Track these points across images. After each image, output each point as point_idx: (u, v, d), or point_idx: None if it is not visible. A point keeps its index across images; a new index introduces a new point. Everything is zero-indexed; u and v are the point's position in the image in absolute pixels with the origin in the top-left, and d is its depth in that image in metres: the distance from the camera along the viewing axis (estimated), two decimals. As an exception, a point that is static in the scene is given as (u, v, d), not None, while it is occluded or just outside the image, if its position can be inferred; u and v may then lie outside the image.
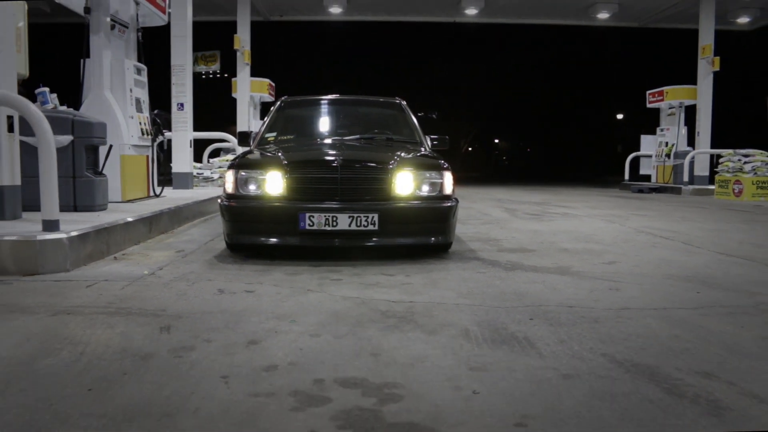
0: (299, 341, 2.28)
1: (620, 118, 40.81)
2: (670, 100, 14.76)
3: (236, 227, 4.07)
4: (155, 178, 6.88)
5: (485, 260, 4.16)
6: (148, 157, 6.72)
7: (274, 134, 5.15)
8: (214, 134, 11.12)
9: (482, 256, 4.34)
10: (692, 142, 14.49)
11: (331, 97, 5.67)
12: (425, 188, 4.09)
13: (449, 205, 4.11)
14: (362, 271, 3.70)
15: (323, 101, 5.67)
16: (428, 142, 5.12)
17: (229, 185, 4.09)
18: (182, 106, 8.76)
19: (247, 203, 4.02)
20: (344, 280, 3.44)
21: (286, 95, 5.71)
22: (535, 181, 22.96)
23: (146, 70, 6.83)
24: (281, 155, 4.20)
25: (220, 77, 18.54)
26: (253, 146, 4.92)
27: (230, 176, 4.09)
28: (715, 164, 12.95)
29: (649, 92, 15.67)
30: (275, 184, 3.99)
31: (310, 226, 3.86)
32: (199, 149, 10.18)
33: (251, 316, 2.63)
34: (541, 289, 3.26)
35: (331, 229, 3.86)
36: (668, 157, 14.50)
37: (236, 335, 2.35)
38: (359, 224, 3.86)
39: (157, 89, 7.27)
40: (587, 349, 2.23)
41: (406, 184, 4.03)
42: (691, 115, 14.71)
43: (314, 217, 3.85)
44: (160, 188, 6.96)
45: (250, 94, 14.50)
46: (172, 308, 2.76)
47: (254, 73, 14.75)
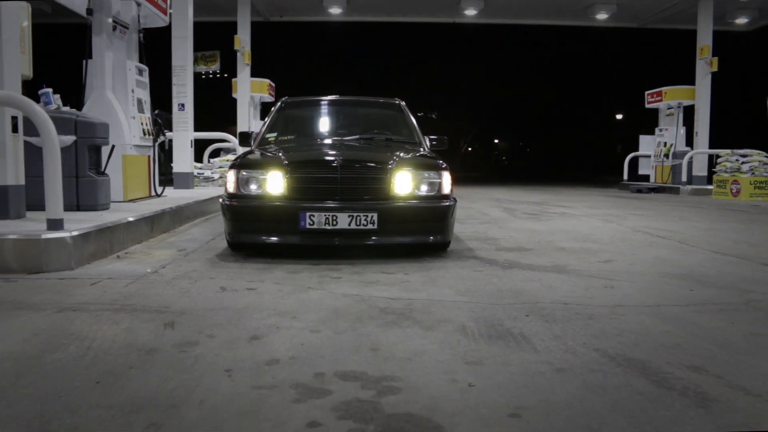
0: (300, 337, 2.34)
1: (620, 118, 40.89)
2: (668, 100, 14.84)
3: (238, 226, 4.13)
4: (157, 177, 6.94)
5: (483, 259, 4.22)
6: (149, 157, 6.78)
7: (274, 134, 5.21)
8: (214, 134, 11.19)
9: (480, 254, 4.40)
10: (691, 142, 14.56)
11: (331, 97, 5.73)
12: (424, 188, 4.15)
13: (447, 204, 4.16)
14: (362, 269, 3.76)
15: (323, 102, 5.73)
16: (427, 142, 5.18)
17: (230, 185, 4.15)
18: (183, 106, 8.82)
19: (248, 203, 4.08)
20: (344, 278, 3.50)
21: (286, 96, 5.77)
22: (534, 181, 23.03)
23: (148, 70, 6.89)
24: (282, 155, 4.26)
25: (220, 77, 18.61)
26: (254, 146, 4.98)
27: (232, 176, 4.15)
28: (713, 164, 13.01)
29: (647, 92, 15.74)
30: (276, 183, 4.05)
31: (310, 225, 3.92)
32: (199, 149, 10.24)
33: (253, 312, 2.69)
34: (537, 287, 3.32)
35: (331, 228, 3.92)
36: (667, 157, 14.57)
37: (239, 331, 2.41)
38: (359, 223, 3.92)
39: (158, 90, 7.33)
40: (581, 344, 2.29)
41: (405, 183, 4.09)
42: (689, 115, 14.78)
43: (314, 216, 3.91)
44: (161, 188, 7.02)
45: (250, 94, 14.56)
46: (175, 305, 2.82)
47: (254, 73, 14.81)
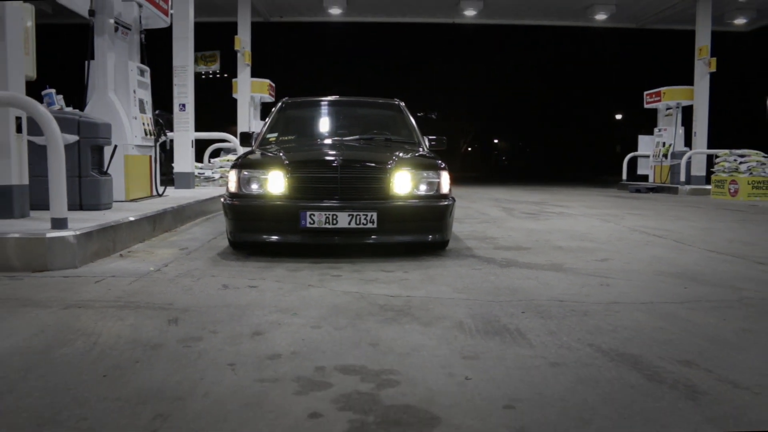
0: (301, 332, 2.40)
1: (619, 118, 40.96)
2: (667, 100, 14.89)
3: (239, 225, 4.19)
4: (158, 177, 7.00)
5: (481, 257, 4.27)
6: (151, 157, 6.83)
7: (275, 135, 5.26)
8: (215, 134, 11.24)
9: (478, 253, 4.46)
10: (689, 142, 14.61)
11: (331, 98, 5.79)
12: (423, 187, 4.21)
13: (446, 203, 4.22)
14: (361, 267, 3.82)
15: (323, 102, 5.78)
16: (426, 142, 5.24)
17: (232, 184, 4.21)
18: (184, 106, 8.88)
19: (249, 202, 4.13)
20: (344, 276, 3.55)
21: (287, 96, 5.83)
22: (534, 181, 23.09)
23: (149, 71, 6.94)
24: (283, 155, 4.31)
25: (219, 77, 18.66)
26: (255, 146, 5.03)
27: (233, 176, 4.20)
28: (712, 164, 13.07)
29: (646, 93, 15.80)
30: (277, 183, 4.11)
31: (311, 224, 3.97)
32: (199, 149, 10.29)
33: (255, 309, 2.75)
34: (534, 284, 3.37)
35: (331, 227, 3.97)
36: (665, 157, 14.63)
37: (241, 327, 2.47)
38: (359, 222, 3.98)
39: (159, 90, 7.38)
40: (575, 339, 2.35)
41: (404, 183, 4.15)
42: (688, 115, 14.84)
43: (315, 215, 3.96)
44: (162, 188, 7.08)
45: (250, 94, 14.61)
46: (178, 302, 2.87)
47: (254, 73, 14.86)
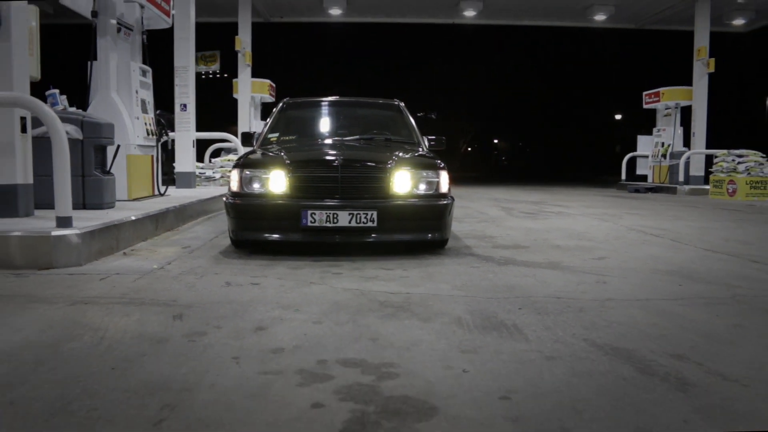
0: (303, 328, 2.46)
1: (619, 118, 41.03)
2: (666, 101, 14.96)
3: (241, 224, 4.24)
4: (160, 177, 7.05)
5: (480, 256, 4.33)
6: (153, 156, 6.89)
7: (276, 135, 5.32)
8: (216, 134, 11.31)
9: (477, 252, 4.52)
10: (688, 142, 14.68)
11: (331, 98, 5.85)
12: (422, 187, 4.26)
13: (445, 203, 4.28)
14: (362, 265, 3.88)
15: (324, 103, 5.84)
16: (426, 142, 5.30)
17: (234, 184, 4.26)
18: (185, 106, 8.94)
19: (251, 201, 4.19)
20: (344, 273, 3.61)
21: (287, 97, 5.89)
22: (533, 181, 23.15)
23: (151, 71, 7.00)
24: (284, 155, 4.37)
25: (219, 77, 18.71)
26: (256, 146, 5.09)
27: (235, 175, 4.26)
28: (710, 164, 13.13)
29: (645, 93, 15.86)
30: (278, 182, 4.16)
31: (311, 222, 4.03)
32: (200, 149, 10.35)
33: (257, 305, 2.81)
34: (531, 282, 3.43)
35: (332, 225, 4.03)
36: (664, 157, 14.69)
37: (244, 322, 2.53)
38: (359, 221, 4.03)
39: (160, 90, 7.44)
40: (570, 334, 2.40)
41: (403, 182, 4.21)
42: (687, 115, 14.91)
43: (316, 214, 4.02)
44: (164, 187, 7.13)
45: (251, 94, 14.66)
46: (182, 299, 2.93)
47: (255, 73, 14.91)
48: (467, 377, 1.94)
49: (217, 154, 12.26)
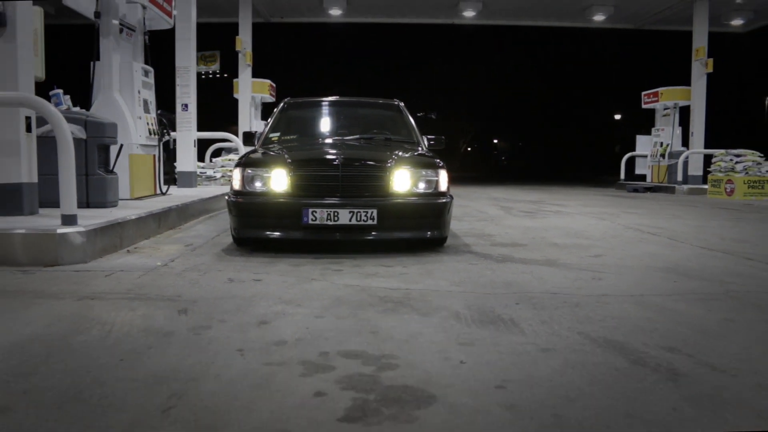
0: (305, 321, 2.52)
1: (618, 118, 41.09)
2: (664, 101, 15.03)
3: (243, 222, 4.31)
4: (162, 176, 7.11)
5: (478, 253, 4.39)
6: (155, 156, 6.95)
7: (277, 134, 5.38)
8: (217, 134, 11.37)
9: (475, 249, 4.58)
10: (687, 142, 14.74)
11: (332, 98, 5.92)
12: (421, 185, 4.33)
13: (444, 201, 4.34)
14: (362, 262, 3.94)
15: (324, 102, 5.91)
16: (425, 141, 5.36)
17: (236, 182, 4.33)
18: (186, 106, 9.00)
19: (253, 199, 4.26)
20: (345, 270, 3.68)
21: (289, 97, 5.95)
22: (533, 180, 23.21)
23: (153, 72, 7.06)
24: (285, 154, 4.43)
25: (219, 77, 18.76)
26: (257, 146, 5.16)
27: (237, 174, 4.32)
28: (709, 164, 13.20)
29: (644, 93, 15.93)
30: (280, 181, 4.23)
31: (312, 220, 4.09)
32: (201, 149, 10.41)
33: (260, 300, 2.87)
34: (528, 279, 3.50)
35: (332, 223, 4.10)
36: (663, 157, 14.76)
37: (248, 317, 2.59)
38: (359, 219, 4.10)
39: (162, 91, 7.50)
40: (566, 328, 2.47)
41: (403, 181, 4.27)
42: (685, 115, 14.97)
43: (317, 212, 4.09)
44: (166, 186, 7.19)
45: (251, 94, 14.72)
46: (186, 294, 3.00)
47: (255, 73, 14.97)
48: (464, 368, 2.00)
49: (217, 153, 12.33)
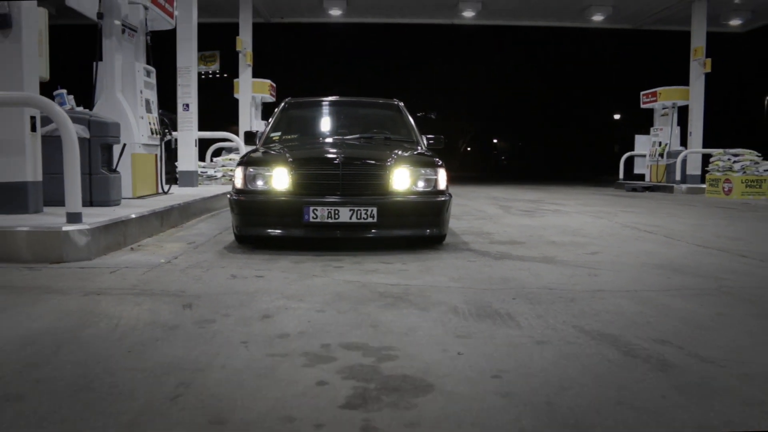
0: (307, 316, 2.59)
1: (618, 118, 41.17)
2: (663, 100, 15.09)
3: (245, 220, 4.37)
4: (163, 175, 7.18)
5: (476, 251, 4.46)
6: (157, 155, 7.01)
7: (278, 134, 5.45)
8: (218, 134, 11.44)
9: (474, 247, 4.65)
10: (685, 142, 14.81)
11: (332, 98, 5.99)
12: (421, 184, 4.40)
13: (443, 199, 4.41)
14: (362, 259, 4.01)
15: (325, 102, 5.98)
16: (424, 141, 5.43)
17: (238, 181, 4.39)
18: (188, 106, 9.07)
19: (255, 198, 4.32)
20: (346, 267, 3.74)
21: (289, 97, 6.02)
22: (532, 180, 23.28)
23: (155, 72, 7.13)
24: (286, 153, 4.50)
25: (219, 77, 18.82)
26: (259, 145, 5.22)
27: (239, 173, 4.39)
28: (707, 164, 13.27)
29: (643, 93, 16.00)
30: (281, 179, 4.29)
31: (313, 218, 4.16)
32: (201, 149, 10.47)
33: (263, 296, 2.94)
34: (526, 275, 3.56)
35: (333, 221, 4.16)
36: (662, 156, 14.83)
37: (251, 311, 2.66)
38: (359, 217, 4.16)
39: (163, 91, 7.56)
40: (561, 322, 2.53)
41: (403, 180, 4.34)
42: (684, 115, 15.04)
43: (317, 210, 4.15)
44: (167, 186, 7.26)
45: (251, 94, 14.78)
46: (190, 290, 3.06)
47: (255, 74, 15.03)
48: (462, 359, 2.07)
49: (218, 153, 12.40)
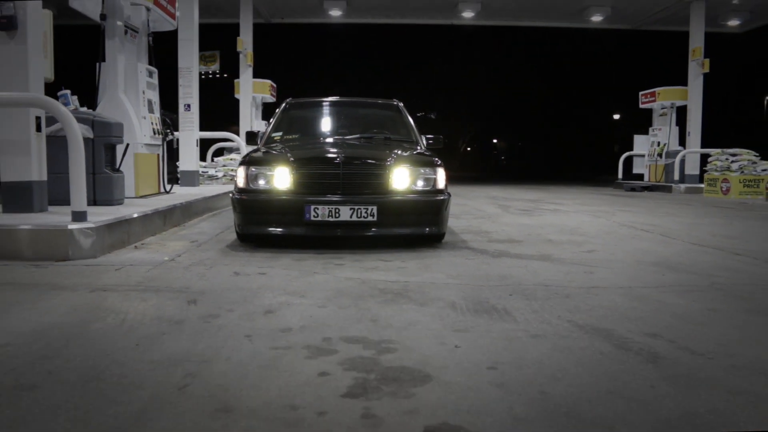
0: (309, 311, 2.66)
1: (617, 118, 41.23)
2: (662, 100, 15.17)
3: (247, 219, 4.44)
4: (165, 175, 7.24)
5: (475, 249, 4.53)
6: (159, 155, 7.08)
7: (280, 133, 5.52)
8: (219, 134, 11.51)
9: (472, 245, 4.72)
10: (683, 141, 14.88)
11: (332, 99, 6.06)
12: (420, 183, 4.46)
13: (442, 198, 4.48)
14: (362, 257, 4.08)
15: (325, 103, 6.05)
16: (424, 141, 5.50)
17: (240, 180, 4.46)
18: (189, 107, 9.14)
19: (257, 197, 4.39)
20: (346, 264, 3.81)
21: (290, 97, 6.09)
22: (532, 180, 23.34)
23: (157, 72, 7.20)
24: (288, 153, 4.57)
25: (219, 77, 18.88)
26: (260, 145, 5.29)
27: (241, 172, 4.46)
28: (705, 163, 13.34)
29: (641, 93, 16.08)
30: (283, 179, 4.36)
31: (314, 217, 4.23)
32: (202, 149, 10.53)
33: (266, 292, 3.01)
34: (523, 272, 3.63)
35: (333, 220, 4.23)
36: (660, 156, 14.90)
37: (254, 307, 2.72)
38: (359, 216, 4.23)
39: (163, 91, 7.62)
40: (556, 317, 2.60)
41: (402, 179, 4.41)
42: (683, 115, 15.11)
43: (318, 209, 4.22)
44: (169, 185, 7.32)
45: (252, 95, 14.85)
46: (195, 287, 3.13)
47: (256, 74, 15.10)
48: (459, 352, 2.13)
49: (219, 153, 12.47)
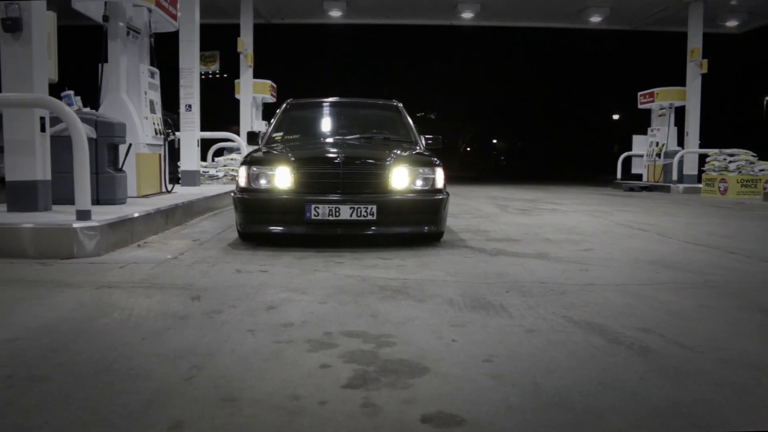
0: (310, 307, 2.72)
1: (617, 118, 41.28)
2: (660, 101, 15.23)
3: (248, 218, 4.51)
4: (167, 175, 7.31)
5: (473, 248, 4.60)
6: (160, 155, 7.15)
7: (280, 134, 5.58)
8: (219, 134, 11.57)
9: (471, 244, 4.78)
10: (682, 142, 14.94)
11: (333, 99, 6.13)
12: (419, 183, 4.53)
13: (441, 197, 4.54)
14: (362, 256, 4.14)
15: (326, 103, 6.12)
16: (423, 141, 5.56)
17: (241, 180, 4.53)
18: (190, 107, 9.20)
19: (258, 196, 4.46)
20: (346, 262, 3.88)
21: (291, 98, 6.16)
22: (531, 180, 23.40)
23: (159, 73, 7.26)
24: (288, 153, 4.63)
25: (219, 77, 18.94)
26: (261, 145, 5.36)
27: (243, 171, 4.52)
28: (704, 163, 13.40)
29: (640, 93, 16.14)
30: (283, 178, 4.43)
31: (315, 216, 4.30)
32: (203, 149, 10.58)
33: (267, 289, 3.07)
34: (520, 270, 3.70)
35: (334, 219, 4.30)
36: (659, 156, 14.96)
37: (256, 303, 2.79)
38: (359, 215, 4.30)
39: (164, 92, 7.68)
40: (551, 312, 2.67)
41: (401, 178, 4.47)
42: (681, 115, 15.17)
43: (319, 208, 4.29)
44: (171, 185, 7.39)
45: (252, 95, 14.91)
46: (198, 284, 3.20)
47: (256, 74, 15.15)
48: (456, 345, 2.20)
49: (219, 153, 12.53)
